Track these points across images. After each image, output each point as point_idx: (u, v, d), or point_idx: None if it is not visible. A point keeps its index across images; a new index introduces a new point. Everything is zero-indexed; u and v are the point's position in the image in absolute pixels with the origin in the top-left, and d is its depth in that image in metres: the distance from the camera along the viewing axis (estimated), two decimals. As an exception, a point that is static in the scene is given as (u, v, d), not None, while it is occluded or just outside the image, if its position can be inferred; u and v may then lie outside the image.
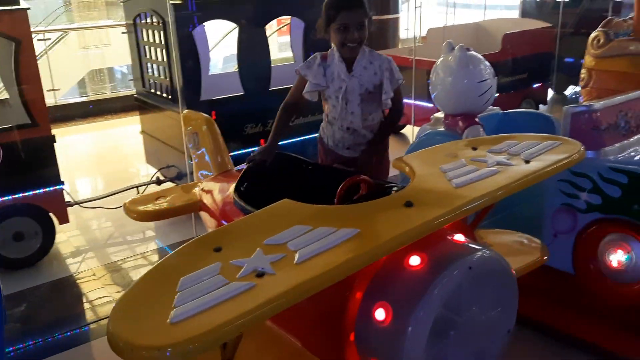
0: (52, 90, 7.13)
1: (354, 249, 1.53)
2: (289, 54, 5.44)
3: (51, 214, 3.72)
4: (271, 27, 7.91)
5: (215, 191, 2.56)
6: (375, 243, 1.56)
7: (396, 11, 8.25)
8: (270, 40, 4.46)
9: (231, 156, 4.43)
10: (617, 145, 2.63)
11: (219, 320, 1.27)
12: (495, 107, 3.54)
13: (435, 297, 1.58)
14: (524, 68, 6.04)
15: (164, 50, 3.90)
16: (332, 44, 2.49)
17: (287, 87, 4.37)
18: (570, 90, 7.82)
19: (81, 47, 10.28)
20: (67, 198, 4.16)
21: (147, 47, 4.21)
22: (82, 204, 4.25)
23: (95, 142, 6.75)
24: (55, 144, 3.58)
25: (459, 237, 1.76)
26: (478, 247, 1.73)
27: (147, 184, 4.47)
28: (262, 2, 4.07)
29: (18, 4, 3.31)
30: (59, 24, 13.31)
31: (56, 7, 14.59)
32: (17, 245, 3.62)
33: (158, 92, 4.22)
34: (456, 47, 2.94)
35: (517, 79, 6.08)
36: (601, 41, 3.89)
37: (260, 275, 1.43)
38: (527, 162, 2.04)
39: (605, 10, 6.86)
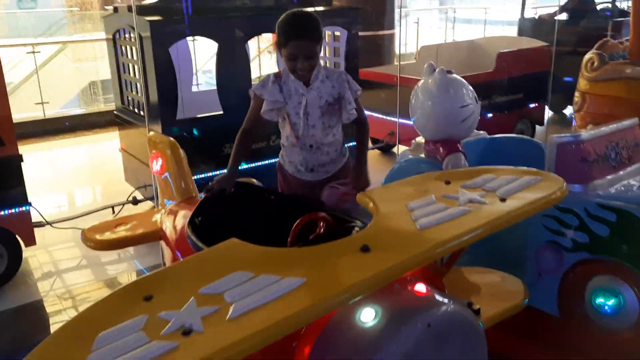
0: (41, 103, 7.00)
1: (296, 303, 1.36)
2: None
3: (17, 236, 3.55)
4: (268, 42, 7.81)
5: (174, 220, 2.39)
6: (320, 296, 1.38)
7: (391, 27, 8.10)
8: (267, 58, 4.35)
9: (210, 176, 4.34)
10: (606, 178, 2.45)
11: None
12: (481, 132, 3.37)
13: (389, 358, 1.40)
14: (520, 87, 5.89)
15: (140, 67, 3.77)
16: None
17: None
18: (569, 110, 7.66)
19: (75, 60, 10.21)
20: (38, 218, 4.02)
21: (125, 63, 4.08)
22: (54, 225, 4.09)
23: (80, 157, 6.60)
24: (22, 163, 3.43)
25: (420, 288, 1.59)
26: (440, 301, 1.55)
27: (123, 204, 4.31)
28: (244, 19, 3.93)
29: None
30: (60, 36, 13.34)
31: (55, 20, 14.67)
32: (-19, 267, 3.46)
33: (135, 110, 4.09)
34: (436, 70, 2.78)
35: (512, 99, 5.93)
36: (595, 64, 3.73)
37: (186, 332, 1.26)
38: (503, 200, 1.87)
39: (606, 29, 6.72)
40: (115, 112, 4.70)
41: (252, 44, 9.43)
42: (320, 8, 4.29)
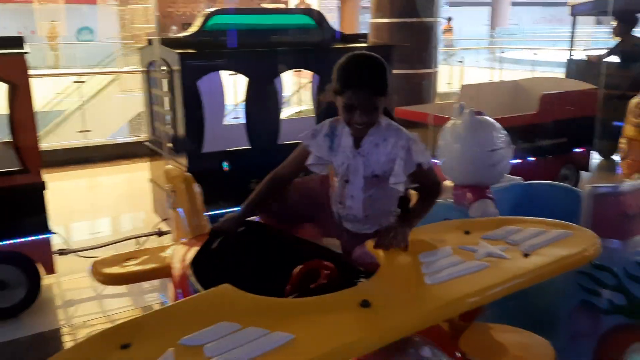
0: (83, 131, 7.19)
1: (279, 362, 1.23)
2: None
3: (37, 264, 3.55)
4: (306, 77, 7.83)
5: (182, 257, 2.31)
6: (309, 356, 1.25)
7: (434, 65, 8.01)
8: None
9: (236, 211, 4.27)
10: (649, 234, 2.23)
11: None
12: (516, 177, 3.19)
13: None
14: (564, 131, 5.63)
15: (168, 99, 3.79)
16: None
17: (298, 141, 4.28)
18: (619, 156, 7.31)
19: (124, 91, 10.56)
20: (62, 246, 4.03)
21: (155, 94, 4.12)
22: (77, 253, 4.08)
23: (115, 186, 6.69)
24: (45, 191, 3.44)
25: (425, 352, 1.43)
26: (445, 368, 1.39)
27: (148, 235, 4.28)
28: (275, 54, 3.91)
29: (20, 47, 3.25)
30: (111, 67, 13.90)
31: (109, 52, 15.33)
32: (1, 294, 3.46)
33: (164, 141, 4.10)
34: (465, 111, 2.64)
35: (556, 143, 5.66)
36: (642, 109, 3.50)
37: (157, 390, 1.15)
38: (526, 255, 1.71)
39: (658, 74, 6.42)
40: (146, 142, 4.74)
41: (291, 79, 9.53)
42: (350, 45, 4.24)
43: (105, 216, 5.64)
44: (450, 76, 12.22)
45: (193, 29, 3.92)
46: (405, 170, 1.93)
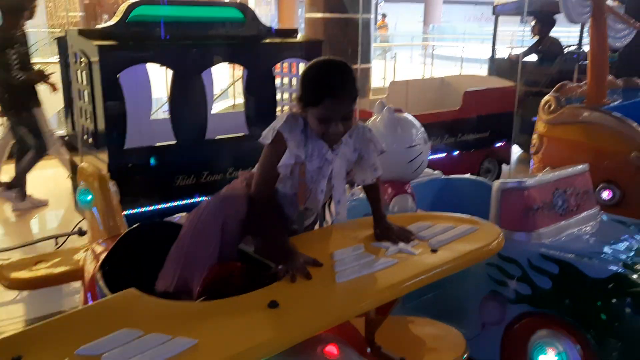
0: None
1: (178, 370, 1.21)
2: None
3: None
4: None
5: (93, 260, 2.23)
6: (210, 361, 1.24)
7: (368, 60, 8.10)
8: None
9: (160, 209, 4.17)
10: (552, 227, 2.36)
11: None
12: (435, 172, 3.29)
13: None
14: (485, 126, 5.86)
15: (88, 93, 3.63)
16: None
17: (227, 136, 4.24)
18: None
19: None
20: (-26, 248, 3.80)
21: (75, 88, 3.94)
22: (-11, 255, 3.86)
23: (33, 183, 6.36)
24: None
25: (331, 349, 1.45)
26: (351, 365, 1.42)
27: (68, 235, 4.10)
28: (201, 47, 3.83)
29: None
30: (37, 57, 13.13)
31: (34, 41, 14.46)
32: None
33: (85, 136, 3.93)
34: (384, 109, 2.69)
35: (479, 137, 5.89)
36: (552, 107, 3.69)
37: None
38: (435, 251, 1.77)
39: (573, 72, 6.78)
40: (65, 138, 4.53)
41: (226, 71, 9.37)
42: (278, 40, 4.21)
43: (29, 215, 5.35)
44: (385, 71, 12.42)
45: (115, 19, 3.77)
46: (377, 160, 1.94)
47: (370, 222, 2.07)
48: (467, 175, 3.33)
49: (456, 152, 5.80)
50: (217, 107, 7.28)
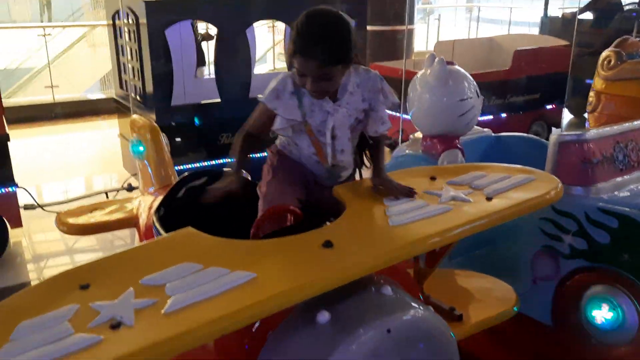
0: (50, 87, 6.98)
1: (240, 299, 1.23)
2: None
3: (3, 218, 3.49)
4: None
5: (148, 207, 2.28)
6: (269, 294, 1.25)
7: (411, 22, 7.91)
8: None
9: (204, 166, 4.22)
10: (611, 181, 2.27)
11: (30, 389, 0.99)
12: (485, 130, 3.20)
13: (340, 365, 1.26)
14: (536, 88, 5.67)
15: (136, 51, 3.67)
16: None
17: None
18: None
19: (95, 46, 10.21)
20: (29, 200, 3.96)
21: (122, 46, 3.99)
22: (45, 208, 4.02)
23: (84, 142, 6.55)
24: (9, 143, 3.36)
25: (386, 289, 1.44)
26: (405, 306, 1.41)
27: (117, 190, 4.23)
28: (243, 3, 3.80)
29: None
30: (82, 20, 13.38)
31: (78, 6, 14.74)
32: (-34, 247, 3.41)
33: (132, 95, 4.00)
34: (435, 60, 2.62)
35: (528, 99, 5.71)
36: (612, 62, 3.52)
37: (115, 326, 1.15)
38: (489, 199, 1.73)
39: (631, 31, 6.44)
40: (114, 97, 4.62)
41: (265, 36, 9.31)
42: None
43: (74, 172, 5.54)
44: (427, 34, 12.11)
45: (161, -23, 3.78)
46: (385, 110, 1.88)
47: (421, 172, 2.04)
48: (519, 133, 3.24)
49: (504, 115, 5.65)
50: (257, 71, 7.30)
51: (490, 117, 5.45)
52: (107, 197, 4.19)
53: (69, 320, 1.18)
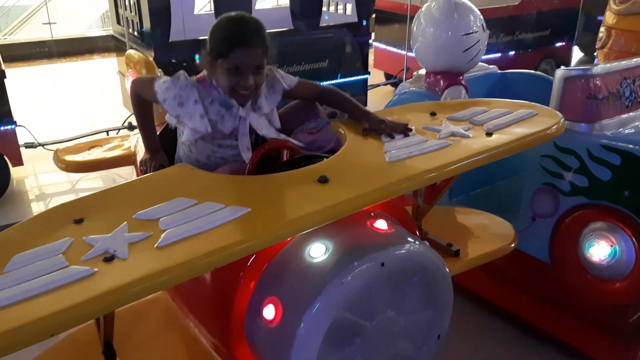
0: (48, 23, 6.82)
1: (232, 233, 1.23)
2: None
3: (4, 156, 3.49)
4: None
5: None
6: (263, 227, 1.25)
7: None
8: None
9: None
10: (617, 118, 2.22)
11: (25, 318, 1.01)
12: (491, 66, 3.12)
13: (333, 297, 1.28)
14: (546, 24, 5.49)
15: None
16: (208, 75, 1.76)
17: (271, 31, 4.09)
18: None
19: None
20: (30, 139, 3.95)
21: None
22: (45, 146, 4.02)
23: (82, 80, 6.46)
24: (5, 79, 3.30)
25: (381, 224, 1.44)
26: (400, 240, 1.41)
27: (118, 129, 4.21)
28: None
29: None
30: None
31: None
32: (-33, 185, 3.44)
33: (130, 30, 3.89)
34: (440, -8, 2.52)
35: (537, 36, 5.55)
36: (625, -5, 3.38)
37: (109, 259, 1.16)
38: (489, 134, 1.70)
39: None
40: (113, 34, 4.51)
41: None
42: None
43: (74, 111, 5.51)
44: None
45: None
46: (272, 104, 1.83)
47: (421, 107, 2.00)
48: (525, 70, 3.15)
49: (512, 52, 5.51)
50: (260, 6, 7.09)
51: (498, 54, 5.32)
52: (108, 135, 4.17)
53: (62, 252, 1.19)
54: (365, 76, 4.65)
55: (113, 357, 1.54)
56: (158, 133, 1.98)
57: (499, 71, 3.13)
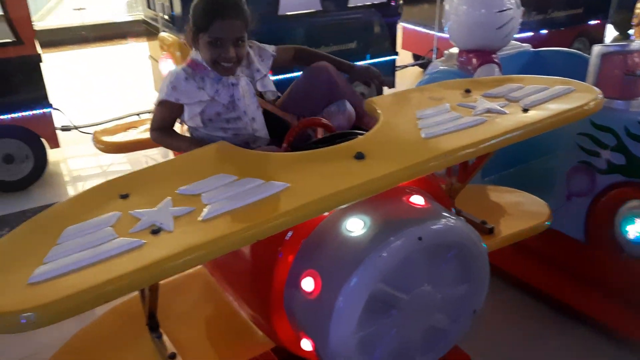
0: (79, 9, 6.92)
1: (273, 208, 1.26)
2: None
3: (41, 138, 3.59)
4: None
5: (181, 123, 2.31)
6: (302, 202, 1.28)
7: None
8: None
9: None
10: (655, 95, 2.18)
11: (80, 285, 1.06)
12: (524, 44, 3.07)
13: (371, 270, 1.30)
14: (579, 1, 5.37)
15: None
16: (196, 53, 1.82)
17: (299, 12, 4.13)
18: (636, 30, 6.98)
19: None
20: (65, 122, 4.05)
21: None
22: (81, 129, 4.11)
23: (114, 64, 6.57)
24: (41, 64, 3.39)
25: (417, 200, 1.45)
26: (436, 215, 1.42)
27: (150, 112, 4.27)
28: None
29: None
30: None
31: None
32: (8, 167, 3.55)
33: (160, 14, 3.94)
34: (474, -31, 2.49)
35: (570, 14, 5.42)
36: (664, -31, 3.27)
37: (155, 231, 1.20)
38: (525, 110, 1.68)
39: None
40: (143, 18, 4.57)
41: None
42: None
43: (106, 94, 5.61)
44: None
45: None
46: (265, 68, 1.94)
47: (455, 84, 2.00)
48: (559, 48, 3.10)
49: (544, 31, 5.40)
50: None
51: (530, 33, 5.21)
52: (140, 118, 4.24)
53: (111, 225, 1.24)
54: (393, 57, 4.62)
55: (157, 328, 1.60)
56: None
57: (531, 49, 3.08)
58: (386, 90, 4.72)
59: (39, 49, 3.37)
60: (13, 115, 3.37)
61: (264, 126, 1.91)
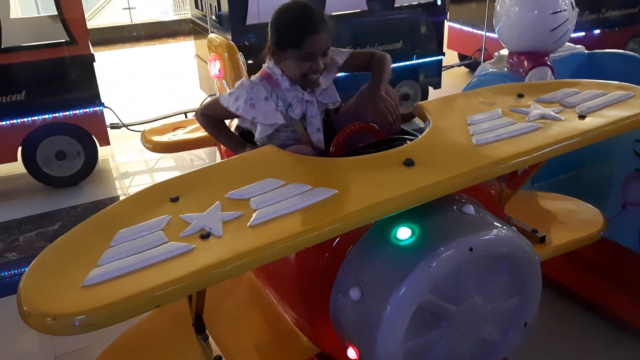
0: (128, 8, 7.10)
1: (321, 214, 1.25)
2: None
3: (92, 135, 3.70)
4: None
5: (228, 126, 2.33)
6: (350, 209, 1.26)
7: None
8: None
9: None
10: None
11: (132, 290, 1.07)
12: (578, 46, 2.97)
13: (420, 280, 1.28)
14: (634, 1, 5.15)
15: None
16: (273, 65, 1.79)
17: (346, 12, 4.10)
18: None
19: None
20: (114, 120, 4.15)
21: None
22: (130, 127, 4.21)
23: (161, 63, 6.69)
24: (94, 63, 3.48)
25: (468, 209, 1.42)
26: (488, 225, 1.38)
27: (196, 111, 4.34)
28: None
29: None
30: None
31: None
32: (60, 163, 3.67)
33: (208, 14, 3.99)
34: (527, -31, 2.41)
35: (625, 14, 5.22)
36: None
37: (205, 236, 1.21)
38: (582, 117, 1.62)
39: None
40: (191, 17, 4.64)
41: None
42: None
43: (153, 93, 5.72)
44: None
45: None
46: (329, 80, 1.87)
47: (508, 88, 1.94)
48: (615, 50, 2.98)
49: (597, 31, 5.22)
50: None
51: (582, 33, 5.04)
52: (186, 117, 4.31)
53: (162, 229, 1.25)
54: (440, 57, 4.55)
55: (203, 329, 1.62)
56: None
57: (586, 51, 2.97)
58: (432, 91, 4.66)
59: (91, 49, 3.46)
60: (66, 113, 3.48)
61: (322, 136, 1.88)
